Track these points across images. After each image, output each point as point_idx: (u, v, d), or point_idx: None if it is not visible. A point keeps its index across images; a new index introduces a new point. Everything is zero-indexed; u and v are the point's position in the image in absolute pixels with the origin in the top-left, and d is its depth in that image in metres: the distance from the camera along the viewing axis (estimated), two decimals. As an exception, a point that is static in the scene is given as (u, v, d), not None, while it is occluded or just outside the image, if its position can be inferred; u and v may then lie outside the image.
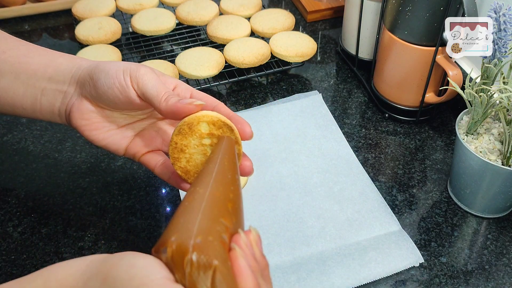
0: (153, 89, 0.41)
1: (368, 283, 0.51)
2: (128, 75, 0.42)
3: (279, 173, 0.62)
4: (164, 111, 0.41)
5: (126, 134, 0.47)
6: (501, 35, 0.51)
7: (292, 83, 0.78)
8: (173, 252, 0.29)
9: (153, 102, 0.41)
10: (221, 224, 0.32)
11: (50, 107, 0.47)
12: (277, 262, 0.53)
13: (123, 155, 0.47)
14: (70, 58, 0.47)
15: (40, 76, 0.46)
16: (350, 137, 0.69)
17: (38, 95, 0.46)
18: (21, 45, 0.48)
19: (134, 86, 0.42)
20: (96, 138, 0.46)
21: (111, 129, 0.46)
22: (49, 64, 0.46)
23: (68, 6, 0.92)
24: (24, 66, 0.47)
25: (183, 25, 0.86)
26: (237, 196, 0.35)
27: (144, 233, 0.56)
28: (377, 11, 0.72)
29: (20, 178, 0.63)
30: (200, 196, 0.33)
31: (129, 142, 0.47)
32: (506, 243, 0.55)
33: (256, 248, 0.32)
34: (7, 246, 0.55)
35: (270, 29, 0.81)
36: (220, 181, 0.35)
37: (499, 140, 0.55)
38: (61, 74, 0.46)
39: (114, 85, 0.42)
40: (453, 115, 0.72)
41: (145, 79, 0.42)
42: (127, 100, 0.42)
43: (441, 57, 0.63)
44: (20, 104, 0.47)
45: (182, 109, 0.40)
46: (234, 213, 0.34)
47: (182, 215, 0.32)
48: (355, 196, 0.59)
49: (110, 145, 0.46)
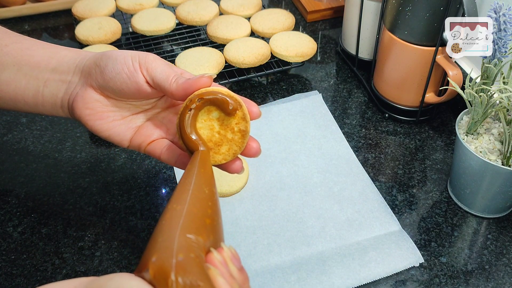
0: (162, 73, 0.42)
1: (368, 283, 0.51)
2: (137, 61, 0.42)
3: (279, 173, 0.62)
4: (175, 90, 0.41)
5: (130, 125, 0.46)
6: (501, 35, 0.51)
7: (292, 83, 0.78)
8: (155, 274, 0.29)
9: (163, 86, 0.41)
10: (199, 241, 0.31)
11: (53, 99, 0.46)
12: (277, 262, 0.53)
13: (127, 147, 0.47)
14: (74, 51, 0.47)
15: (43, 68, 0.46)
16: (350, 137, 0.69)
17: (40, 87, 0.46)
18: (24, 39, 0.48)
19: (144, 71, 0.42)
20: (100, 128, 0.45)
21: (115, 120, 0.45)
22: (53, 56, 0.46)
23: (68, 6, 0.92)
24: (27, 58, 0.46)
25: (183, 25, 0.86)
26: (215, 212, 0.35)
27: (144, 233, 0.56)
28: (377, 11, 0.72)
29: (20, 178, 0.63)
30: (177, 213, 0.32)
31: (133, 134, 0.46)
32: (506, 243, 0.55)
33: (231, 265, 0.32)
34: (7, 246, 0.55)
35: (270, 29, 0.81)
36: (197, 196, 0.35)
37: (499, 140, 0.55)
38: (65, 65, 0.46)
39: (122, 70, 0.42)
40: (453, 115, 0.72)
41: (154, 65, 0.42)
42: (135, 87, 0.42)
43: (441, 57, 0.63)
44: (22, 97, 0.47)
45: (194, 83, 0.40)
46: (212, 229, 0.34)
47: (161, 234, 0.31)
48: (355, 196, 0.59)
49: (114, 136, 0.46)
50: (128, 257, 0.54)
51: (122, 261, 0.54)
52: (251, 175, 0.62)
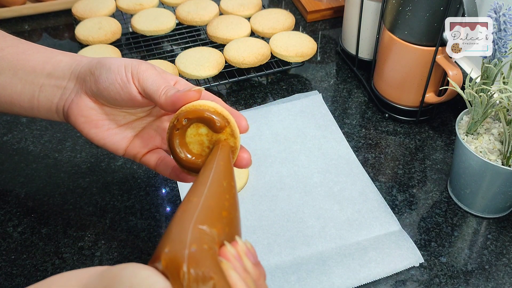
0: (153, 84, 0.41)
1: (368, 283, 0.51)
2: (130, 71, 0.42)
3: (279, 173, 0.62)
4: (164, 103, 0.41)
5: (125, 134, 0.46)
6: (501, 35, 0.51)
7: (292, 83, 0.78)
8: (167, 264, 0.29)
9: (153, 97, 0.41)
10: (213, 233, 0.31)
11: (48, 104, 0.46)
12: (277, 262, 0.53)
13: (123, 155, 0.47)
14: (69, 55, 0.47)
15: (39, 73, 0.46)
16: (350, 137, 0.69)
17: (36, 91, 0.46)
18: (20, 43, 0.48)
19: (135, 82, 0.42)
20: (95, 136, 0.45)
21: (110, 128, 0.46)
22: (48, 61, 0.46)
23: (68, 6, 0.92)
24: (23, 63, 0.46)
25: (183, 25, 0.86)
26: (232, 205, 0.35)
27: (144, 233, 0.56)
28: (377, 11, 0.72)
29: (20, 178, 0.63)
30: (193, 206, 0.32)
31: (128, 143, 0.46)
32: (506, 243, 0.55)
33: (245, 259, 0.32)
34: (7, 246, 0.55)
35: (270, 29, 0.81)
36: (215, 189, 0.35)
37: (499, 140, 0.55)
38: (60, 70, 0.46)
39: (115, 81, 0.42)
40: (453, 115, 0.72)
41: (146, 75, 0.42)
42: (128, 97, 0.42)
43: (441, 57, 0.63)
44: (18, 101, 0.47)
45: (182, 97, 0.40)
46: (229, 222, 0.33)
47: (175, 226, 0.31)
48: (355, 196, 0.59)
49: (109, 145, 0.46)
50: (128, 257, 0.54)
51: (122, 261, 0.53)
52: (251, 175, 0.62)
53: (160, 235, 0.56)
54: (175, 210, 0.59)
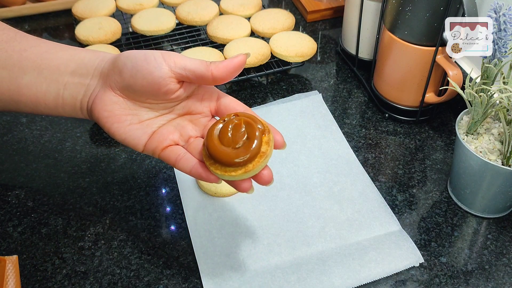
0: (194, 61, 0.43)
1: (368, 283, 0.51)
2: (160, 56, 0.43)
3: (279, 173, 0.62)
4: (215, 71, 0.42)
5: (146, 130, 0.46)
6: (501, 35, 0.51)
7: (292, 83, 0.78)
8: None
9: (200, 70, 0.42)
10: None
11: (72, 101, 0.47)
12: (277, 262, 0.53)
13: (142, 151, 0.47)
14: (92, 52, 0.48)
15: (63, 71, 0.47)
16: (350, 137, 0.69)
17: (60, 89, 0.47)
18: (42, 43, 0.49)
19: (171, 64, 0.43)
20: (116, 131, 0.45)
21: (132, 123, 0.46)
22: (72, 59, 0.47)
23: (68, 6, 0.92)
24: (47, 62, 0.47)
25: (183, 25, 0.86)
26: None
27: (144, 233, 0.56)
28: (377, 11, 0.72)
29: (20, 178, 0.63)
30: None
31: (148, 139, 0.46)
32: (506, 243, 0.55)
33: None
34: (7, 246, 0.55)
35: (270, 29, 0.81)
36: None
37: (499, 140, 0.55)
38: (84, 67, 0.46)
39: (143, 67, 0.43)
40: (453, 115, 0.72)
41: (181, 57, 0.43)
42: (156, 82, 0.43)
43: (441, 57, 0.63)
44: (43, 100, 0.47)
45: (233, 61, 0.42)
46: None
47: None
48: (355, 196, 0.59)
49: (130, 140, 0.46)
50: (128, 257, 0.54)
51: (122, 261, 0.54)
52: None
53: (160, 235, 0.56)
54: (175, 210, 0.59)
